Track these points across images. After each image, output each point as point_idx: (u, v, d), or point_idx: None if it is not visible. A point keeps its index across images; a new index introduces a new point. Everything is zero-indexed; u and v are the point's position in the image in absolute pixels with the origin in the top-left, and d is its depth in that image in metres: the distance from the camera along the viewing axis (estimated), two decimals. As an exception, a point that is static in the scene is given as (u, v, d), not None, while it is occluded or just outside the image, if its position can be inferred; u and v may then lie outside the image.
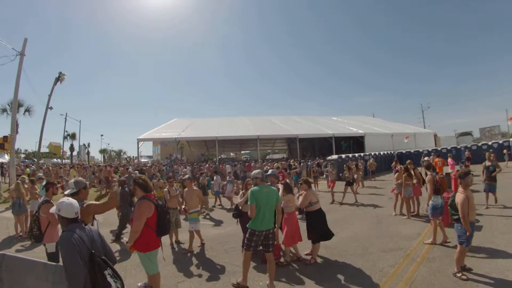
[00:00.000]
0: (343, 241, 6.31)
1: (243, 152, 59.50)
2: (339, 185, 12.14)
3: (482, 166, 8.42)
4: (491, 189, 8.29)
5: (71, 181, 3.29)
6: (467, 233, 4.16)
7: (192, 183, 6.67)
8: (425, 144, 31.64)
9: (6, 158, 29.19)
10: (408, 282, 4.22)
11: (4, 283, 2.80)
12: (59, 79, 18.16)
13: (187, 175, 7.27)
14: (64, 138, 44.08)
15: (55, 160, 52.94)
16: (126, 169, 16.25)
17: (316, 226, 5.40)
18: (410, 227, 7.09)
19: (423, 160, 11.37)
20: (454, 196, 4.43)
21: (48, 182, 4.64)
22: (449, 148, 24.64)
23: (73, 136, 46.32)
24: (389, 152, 26.46)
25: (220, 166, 23.58)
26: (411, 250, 5.48)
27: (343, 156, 21.10)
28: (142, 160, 42.51)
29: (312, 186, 6.43)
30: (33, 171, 19.05)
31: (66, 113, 40.93)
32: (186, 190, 6.48)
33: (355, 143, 33.50)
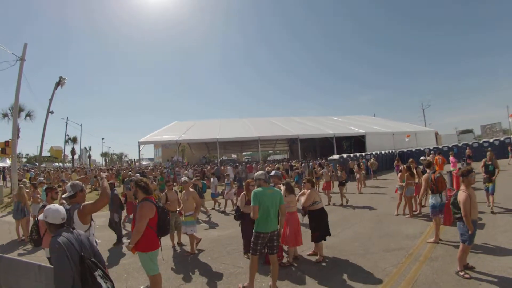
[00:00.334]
0: (345, 241, 6.30)
1: (244, 153, 59.53)
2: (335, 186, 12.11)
3: (482, 162, 8.15)
4: (489, 189, 7.85)
5: (68, 184, 3.31)
6: (470, 231, 4.15)
7: (189, 185, 6.57)
8: (426, 143, 31.62)
9: (7, 163, 29.30)
10: (410, 281, 4.20)
11: (0, 284, 2.86)
12: (60, 83, 18.25)
13: (184, 178, 7.17)
14: (65, 142, 44.22)
15: (57, 164, 53.05)
16: (129, 171, 16.33)
17: (319, 225, 5.42)
18: (412, 226, 7.06)
19: (422, 160, 11.23)
20: (456, 194, 4.42)
21: (48, 187, 4.65)
22: (450, 146, 24.60)
23: (74, 140, 46.39)
24: (390, 151, 26.43)
25: (222, 167, 23.59)
26: (414, 250, 5.46)
27: (345, 156, 21.07)
28: (144, 163, 42.63)
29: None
30: (34, 175, 19.12)
31: (67, 117, 41.10)
32: (183, 193, 6.43)
33: (356, 142, 33.45)
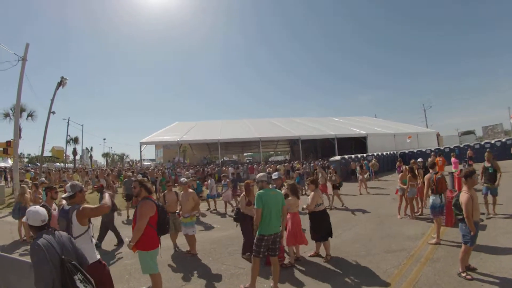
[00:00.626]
0: (346, 242, 6.29)
1: (245, 154, 59.53)
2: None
3: (481, 168, 7.78)
4: (492, 192, 7.44)
5: (68, 184, 3.33)
6: (472, 232, 4.14)
7: (188, 186, 6.49)
8: (427, 144, 31.57)
9: (9, 163, 29.40)
10: (412, 282, 4.19)
11: (1, 284, 2.88)
12: (61, 83, 18.21)
13: (183, 179, 7.05)
14: (67, 142, 44.46)
15: (58, 164, 53.20)
16: (132, 172, 16.35)
17: (319, 227, 5.42)
18: (414, 228, 7.05)
19: (419, 162, 11.12)
20: (458, 195, 4.41)
21: (47, 187, 4.65)
22: (452, 147, 24.55)
23: (75, 140, 46.63)
24: (392, 152, 26.38)
25: (223, 168, 23.61)
26: (415, 251, 5.45)
27: (346, 157, 21.04)
28: (145, 163, 42.68)
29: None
30: (34, 175, 19.18)
31: (69, 117, 41.40)
32: (182, 194, 6.37)
33: (357, 143, 33.37)
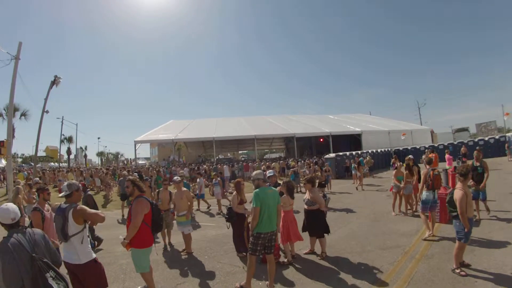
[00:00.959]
0: (341, 239, 6.32)
1: (240, 152, 59.48)
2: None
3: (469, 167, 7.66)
4: (482, 196, 6.92)
5: (65, 184, 3.30)
6: (466, 229, 4.18)
7: (182, 185, 6.47)
8: (422, 141, 31.87)
9: (3, 163, 29.02)
10: (407, 279, 4.23)
11: None
12: (55, 82, 18.03)
13: (176, 177, 7.01)
14: (61, 141, 43.96)
15: (52, 164, 52.62)
16: (127, 171, 16.23)
17: (313, 225, 5.45)
18: (408, 225, 7.11)
19: (407, 159, 11.14)
20: (452, 192, 4.44)
21: (39, 188, 4.52)
22: (446, 144, 24.81)
23: (70, 139, 46.06)
24: (386, 149, 26.59)
25: (218, 166, 23.57)
26: (410, 247, 5.50)
27: (341, 153, 21.14)
28: (140, 162, 42.42)
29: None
30: (27, 175, 18.94)
31: (63, 116, 40.85)
32: (175, 192, 6.35)
33: (352, 141, 33.54)
